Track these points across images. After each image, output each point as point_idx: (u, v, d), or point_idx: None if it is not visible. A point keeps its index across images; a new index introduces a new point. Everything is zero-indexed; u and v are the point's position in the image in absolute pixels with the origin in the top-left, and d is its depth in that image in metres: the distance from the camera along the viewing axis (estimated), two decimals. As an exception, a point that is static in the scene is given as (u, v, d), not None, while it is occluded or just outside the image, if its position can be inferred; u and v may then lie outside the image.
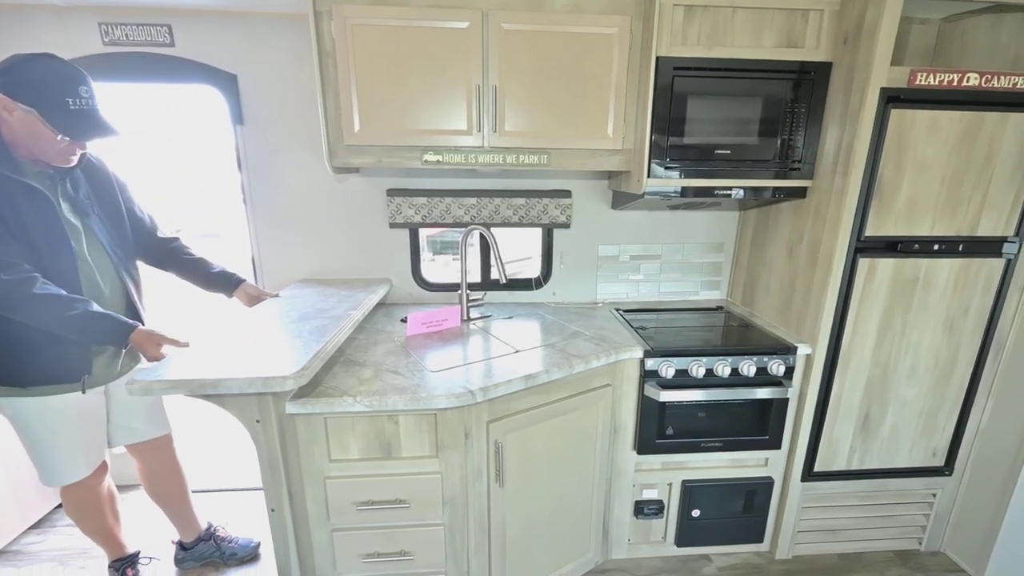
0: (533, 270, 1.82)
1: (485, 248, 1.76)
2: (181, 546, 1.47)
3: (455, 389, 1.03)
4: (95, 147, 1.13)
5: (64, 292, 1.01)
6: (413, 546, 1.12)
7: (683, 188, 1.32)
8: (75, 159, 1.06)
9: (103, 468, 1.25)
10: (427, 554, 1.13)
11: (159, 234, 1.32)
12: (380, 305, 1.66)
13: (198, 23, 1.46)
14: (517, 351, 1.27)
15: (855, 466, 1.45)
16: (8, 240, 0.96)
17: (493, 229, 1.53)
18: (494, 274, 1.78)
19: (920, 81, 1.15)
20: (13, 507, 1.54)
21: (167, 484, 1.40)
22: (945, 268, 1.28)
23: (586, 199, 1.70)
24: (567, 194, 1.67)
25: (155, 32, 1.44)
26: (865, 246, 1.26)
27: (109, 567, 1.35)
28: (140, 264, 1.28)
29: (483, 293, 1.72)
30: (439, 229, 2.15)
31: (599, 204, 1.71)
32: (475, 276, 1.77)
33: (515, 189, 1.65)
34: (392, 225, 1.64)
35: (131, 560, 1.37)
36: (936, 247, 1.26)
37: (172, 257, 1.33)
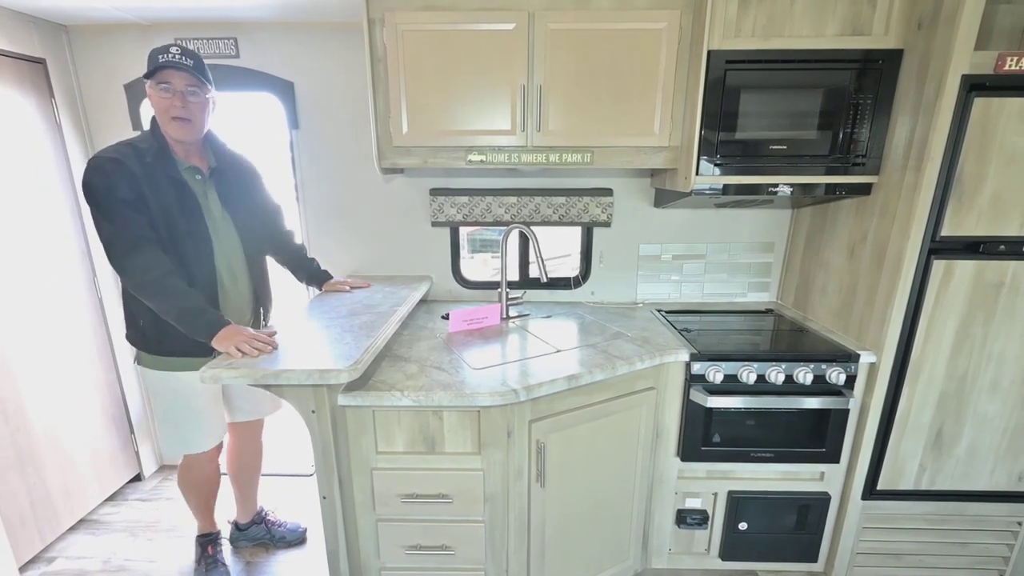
0: (570, 268, 1.80)
1: (523, 247, 1.76)
2: (236, 526, 1.56)
3: (498, 387, 1.04)
4: (230, 144, 1.26)
5: (183, 285, 1.05)
6: (454, 541, 1.13)
7: (735, 185, 1.27)
8: (186, 130, 1.09)
9: (220, 445, 1.33)
10: (467, 550, 1.14)
11: (284, 226, 1.43)
12: (421, 302, 1.70)
13: (261, 35, 1.56)
14: (558, 351, 1.26)
15: (924, 486, 1.33)
16: (148, 230, 1.05)
17: (533, 228, 1.53)
18: (532, 272, 1.78)
19: (1010, 66, 1.05)
20: (93, 480, 1.69)
21: (249, 463, 1.50)
22: (1036, 272, 1.16)
23: (627, 197, 1.67)
24: (608, 192, 1.65)
25: (223, 45, 1.56)
26: (941, 247, 1.16)
27: (196, 540, 1.45)
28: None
29: (522, 291, 1.72)
30: (477, 228, 2.17)
31: (641, 202, 1.67)
32: (512, 274, 1.77)
33: (556, 187, 1.65)
34: (434, 224, 1.67)
35: (214, 538, 1.46)
36: (1026, 248, 1.15)
37: (290, 248, 1.45)
